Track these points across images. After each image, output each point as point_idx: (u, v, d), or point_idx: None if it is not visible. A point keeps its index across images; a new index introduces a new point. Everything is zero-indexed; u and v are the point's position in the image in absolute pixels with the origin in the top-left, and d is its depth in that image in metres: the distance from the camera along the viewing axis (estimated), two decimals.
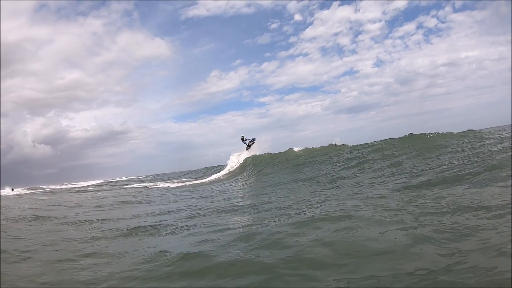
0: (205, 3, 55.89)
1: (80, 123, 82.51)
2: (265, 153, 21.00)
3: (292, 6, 58.28)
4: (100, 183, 35.46)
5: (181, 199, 12.60)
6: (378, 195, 7.15)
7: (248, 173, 18.93)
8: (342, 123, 66.61)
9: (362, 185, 9.15)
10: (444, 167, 8.97)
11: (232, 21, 62.18)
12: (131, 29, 62.89)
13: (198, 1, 57.62)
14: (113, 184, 31.62)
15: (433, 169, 9.11)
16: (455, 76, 62.24)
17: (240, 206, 8.64)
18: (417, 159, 11.08)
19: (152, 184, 25.40)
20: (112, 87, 69.67)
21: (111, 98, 72.10)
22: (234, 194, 12.31)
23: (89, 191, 22.85)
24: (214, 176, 22.77)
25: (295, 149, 19.83)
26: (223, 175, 21.68)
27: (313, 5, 58.41)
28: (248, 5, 58.79)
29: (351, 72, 64.51)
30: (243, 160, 22.00)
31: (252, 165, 20.08)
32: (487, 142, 11.42)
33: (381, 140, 15.75)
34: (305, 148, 19.67)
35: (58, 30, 65.53)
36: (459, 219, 4.60)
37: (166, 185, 22.08)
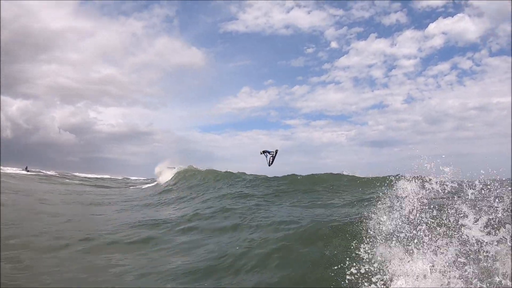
0: (245, 19, 59.05)
1: (107, 118, 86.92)
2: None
3: (329, 33, 59.21)
4: (92, 178, 37.55)
5: None
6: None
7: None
8: (365, 155, 64.22)
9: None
10: None
11: (269, 41, 64.34)
12: (169, 35, 67.41)
13: (238, 16, 60.96)
14: (108, 181, 33.28)
15: None
16: (485, 121, 58.60)
17: None
18: None
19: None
20: (143, 88, 74.05)
21: (141, 99, 76.41)
22: None
23: (66, 184, 24.30)
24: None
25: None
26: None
27: (351, 34, 58.92)
28: (287, 27, 60.74)
29: (380, 106, 63.14)
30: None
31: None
32: None
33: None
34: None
35: (99, 26, 70.77)
36: None
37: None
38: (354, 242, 4.84)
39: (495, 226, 3.88)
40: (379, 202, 5.43)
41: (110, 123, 77.76)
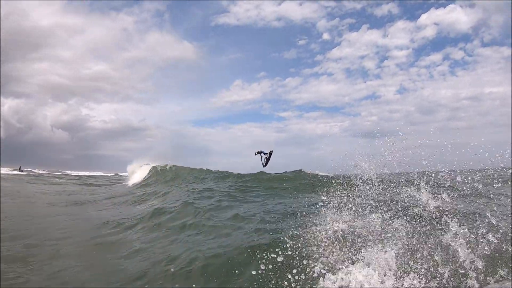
0: (236, 12, 57.48)
1: (100, 114, 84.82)
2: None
3: (321, 24, 57.95)
4: (83, 175, 38.14)
5: None
6: None
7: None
8: (358, 147, 63.92)
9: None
10: None
11: (261, 33, 63.07)
12: (161, 29, 65.93)
13: (229, 9, 59.28)
14: (99, 178, 33.81)
15: None
16: (477, 111, 58.80)
17: None
18: None
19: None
20: (135, 84, 72.90)
21: (133, 94, 75.14)
22: None
23: (56, 184, 24.79)
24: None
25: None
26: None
27: (343, 25, 57.83)
28: (278, 19, 59.23)
29: (373, 97, 63.02)
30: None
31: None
32: None
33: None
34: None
35: (90, 22, 69.26)
36: None
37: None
38: (293, 256, 4.82)
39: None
40: (329, 204, 5.70)
41: (102, 119, 76.84)
